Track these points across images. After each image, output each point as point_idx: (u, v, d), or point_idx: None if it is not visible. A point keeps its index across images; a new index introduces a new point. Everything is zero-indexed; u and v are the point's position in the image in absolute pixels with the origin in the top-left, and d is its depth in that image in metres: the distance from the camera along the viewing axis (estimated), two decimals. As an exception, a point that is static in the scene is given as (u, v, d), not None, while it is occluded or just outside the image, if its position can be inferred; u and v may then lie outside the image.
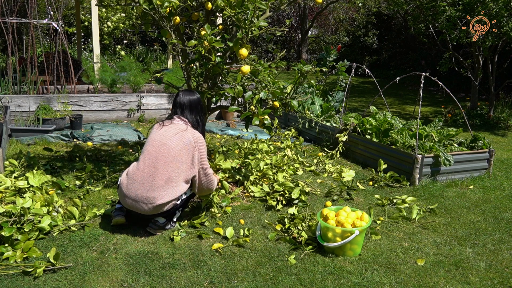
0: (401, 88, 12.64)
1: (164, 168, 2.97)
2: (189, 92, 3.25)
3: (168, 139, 3.03)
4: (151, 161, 2.99)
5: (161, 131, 3.09)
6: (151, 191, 2.94)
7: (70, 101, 6.56)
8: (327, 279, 2.61)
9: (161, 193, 2.95)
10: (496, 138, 6.92)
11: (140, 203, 2.95)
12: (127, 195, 2.99)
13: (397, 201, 3.82)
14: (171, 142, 3.02)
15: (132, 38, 14.73)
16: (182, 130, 3.08)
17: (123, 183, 3.03)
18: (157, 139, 3.05)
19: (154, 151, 3.01)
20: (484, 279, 2.70)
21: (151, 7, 3.27)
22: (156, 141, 3.04)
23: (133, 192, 2.97)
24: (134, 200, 2.97)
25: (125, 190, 3.00)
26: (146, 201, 2.94)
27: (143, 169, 2.99)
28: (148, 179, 2.96)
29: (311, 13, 16.64)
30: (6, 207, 2.98)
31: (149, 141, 3.08)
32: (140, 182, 2.96)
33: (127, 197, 2.99)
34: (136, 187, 2.96)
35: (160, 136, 3.06)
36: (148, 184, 2.95)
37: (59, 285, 2.46)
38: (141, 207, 2.97)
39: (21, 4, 8.09)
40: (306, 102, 6.44)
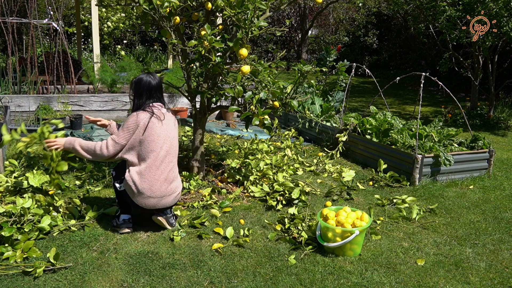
0: (401, 88, 12.64)
1: (175, 159, 3.15)
2: (154, 75, 3.14)
3: (172, 132, 3.11)
4: (169, 157, 3.05)
5: (164, 125, 3.04)
6: (173, 182, 3.09)
7: (70, 101, 6.56)
8: (327, 279, 2.62)
9: (178, 181, 3.16)
10: (496, 138, 6.92)
11: (166, 197, 3.03)
12: (152, 196, 2.97)
13: (397, 201, 3.82)
14: (175, 134, 3.14)
15: (132, 38, 14.73)
16: (174, 118, 3.19)
17: (144, 187, 2.93)
18: (166, 135, 3.03)
19: (168, 146, 3.04)
20: (484, 279, 2.70)
21: (151, 7, 3.27)
22: (167, 137, 3.04)
23: (159, 191, 2.98)
24: (160, 197, 3.00)
25: (149, 192, 2.95)
26: (170, 193, 3.05)
27: (164, 167, 3.00)
28: (169, 174, 3.05)
29: (311, 13, 16.64)
30: (6, 207, 2.97)
31: (157, 137, 2.98)
32: (164, 180, 3.00)
33: (152, 197, 2.97)
34: (160, 185, 2.98)
35: (166, 131, 3.05)
36: (170, 178, 3.06)
37: (59, 285, 2.46)
38: (166, 201, 3.05)
39: (21, 4, 8.09)
40: (306, 102, 6.44)
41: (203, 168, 4.06)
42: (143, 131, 2.95)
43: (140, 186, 2.94)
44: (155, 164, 2.97)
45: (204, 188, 3.84)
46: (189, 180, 3.87)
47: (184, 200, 3.68)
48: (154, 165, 2.97)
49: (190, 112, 7.34)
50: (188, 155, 4.69)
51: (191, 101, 3.94)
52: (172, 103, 7.41)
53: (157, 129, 3.00)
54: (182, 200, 3.67)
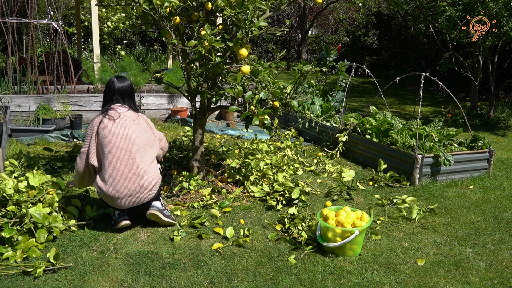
0: (401, 88, 12.64)
1: (141, 155, 3.05)
2: (124, 79, 3.21)
3: (130, 128, 3.05)
4: (129, 154, 3.00)
5: (118, 123, 3.04)
6: (142, 179, 3.02)
7: (70, 101, 6.56)
8: (327, 279, 2.62)
9: (149, 176, 3.07)
10: (496, 138, 6.92)
11: (137, 194, 3.02)
12: (121, 196, 2.98)
13: (397, 201, 3.82)
14: (135, 131, 3.06)
15: (132, 38, 14.73)
16: (136, 115, 3.14)
17: (108, 190, 2.97)
18: (123, 133, 3.02)
19: (124, 144, 3.00)
20: (484, 279, 2.70)
21: (151, 7, 3.27)
22: (124, 135, 3.01)
23: (125, 191, 2.98)
24: (130, 195, 3.00)
25: (115, 194, 2.97)
26: (141, 190, 3.02)
27: (124, 166, 2.98)
28: (132, 171, 2.99)
29: (311, 13, 16.64)
30: (8, 208, 2.97)
31: (109, 137, 2.99)
32: (126, 179, 2.98)
33: (122, 198, 2.99)
34: (125, 184, 2.98)
35: (122, 129, 3.03)
36: (133, 175, 3.00)
37: (59, 285, 2.46)
38: (140, 198, 3.04)
39: (21, 4, 8.09)
40: (306, 102, 6.44)
41: (203, 168, 4.06)
42: (97, 133, 3.02)
43: (106, 190, 2.97)
44: (113, 164, 2.97)
45: (204, 188, 3.84)
46: (189, 180, 3.87)
47: (184, 200, 3.68)
48: (112, 166, 2.97)
49: (190, 112, 7.34)
50: (188, 155, 4.69)
51: (191, 101, 3.94)
52: (172, 103, 7.41)
53: (110, 129, 3.01)
54: (182, 200, 3.67)
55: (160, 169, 3.31)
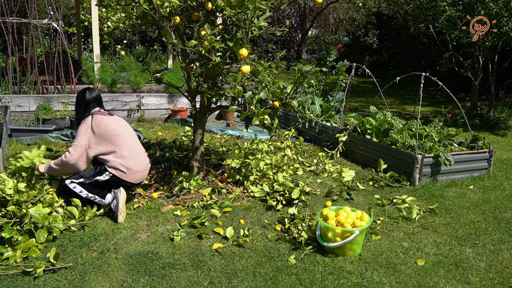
0: (401, 88, 12.64)
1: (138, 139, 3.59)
2: (91, 89, 3.58)
3: (124, 122, 3.55)
4: (133, 137, 3.49)
5: (114, 118, 3.48)
6: (146, 158, 3.56)
7: (70, 101, 6.56)
8: (327, 279, 2.62)
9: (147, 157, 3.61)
10: (496, 138, 6.92)
11: (145, 170, 3.50)
12: (138, 170, 3.41)
13: (397, 201, 3.82)
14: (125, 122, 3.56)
15: (132, 38, 14.73)
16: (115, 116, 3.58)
17: (130, 164, 3.35)
18: (119, 122, 3.47)
19: (128, 130, 3.48)
20: (484, 279, 2.70)
21: (151, 7, 3.27)
22: (120, 124, 3.46)
23: (141, 166, 3.44)
24: (143, 170, 3.47)
25: (135, 167, 3.38)
26: (147, 167, 3.53)
27: (134, 146, 3.44)
28: (141, 149, 3.52)
29: (311, 13, 16.65)
30: (8, 208, 2.97)
31: (114, 126, 3.39)
32: (139, 155, 3.45)
33: (138, 171, 3.41)
34: (140, 160, 3.44)
35: (118, 121, 3.48)
36: (143, 153, 3.54)
37: (59, 285, 2.46)
38: (145, 174, 3.53)
39: (21, 4, 8.09)
40: (306, 102, 6.44)
41: (203, 168, 4.06)
42: (95, 128, 3.33)
43: (127, 164, 3.35)
44: (128, 143, 3.40)
45: (204, 188, 3.84)
46: (189, 180, 3.87)
47: (184, 200, 3.68)
48: (128, 145, 3.39)
49: (190, 112, 7.34)
50: (188, 155, 4.69)
51: (191, 101, 3.94)
52: (172, 103, 7.41)
53: (111, 121, 3.41)
54: (182, 200, 3.67)
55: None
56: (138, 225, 3.20)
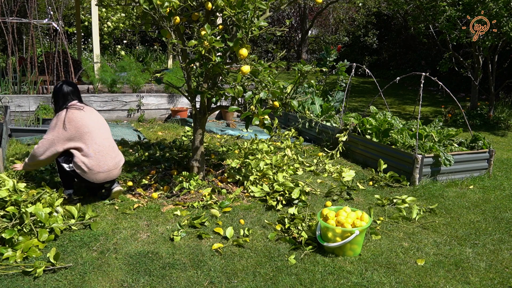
0: (401, 88, 12.64)
1: (111, 137, 3.55)
2: (68, 82, 3.59)
3: (99, 115, 3.55)
4: (104, 135, 3.45)
5: (88, 112, 3.46)
6: (117, 157, 3.52)
7: (70, 101, 6.55)
8: (327, 279, 2.62)
9: (121, 156, 3.59)
10: (496, 138, 6.92)
11: (112, 170, 3.44)
12: (100, 171, 3.36)
13: (397, 201, 3.82)
14: (102, 117, 3.57)
15: (132, 38, 14.73)
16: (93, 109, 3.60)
17: (92, 164, 3.33)
18: (92, 117, 3.45)
19: (100, 127, 3.45)
20: (484, 279, 2.70)
21: (151, 7, 3.27)
22: (93, 119, 3.44)
23: (105, 166, 3.38)
24: (108, 171, 3.40)
25: (96, 168, 3.34)
26: (116, 167, 3.48)
27: (103, 144, 3.41)
28: (111, 149, 3.47)
29: (311, 13, 16.64)
30: (8, 209, 2.97)
31: (85, 121, 3.37)
32: (106, 155, 3.40)
33: (101, 172, 3.37)
34: (106, 160, 3.40)
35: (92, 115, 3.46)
36: (112, 153, 3.47)
37: (59, 285, 2.46)
38: (113, 174, 3.47)
39: (21, 4, 8.09)
40: (306, 102, 6.44)
41: (203, 168, 4.06)
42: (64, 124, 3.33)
43: (90, 164, 3.33)
44: (96, 142, 3.36)
45: (204, 188, 3.84)
46: (189, 180, 3.87)
47: (184, 200, 3.68)
48: (95, 143, 3.36)
49: (190, 112, 7.34)
50: (188, 155, 4.69)
51: (191, 101, 3.94)
52: (172, 103, 7.41)
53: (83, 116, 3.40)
54: (182, 200, 3.67)
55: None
56: (138, 225, 3.20)
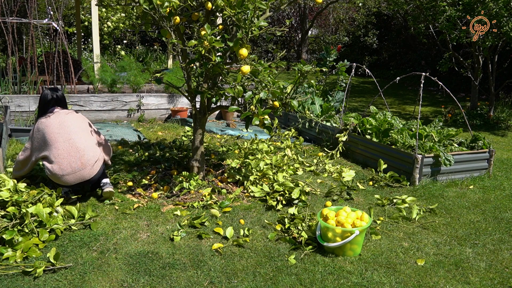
0: (401, 88, 12.64)
1: (78, 136, 3.47)
2: (54, 89, 3.68)
3: (65, 117, 3.52)
4: (65, 137, 3.42)
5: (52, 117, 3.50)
6: (84, 156, 3.42)
7: (70, 101, 6.56)
8: (327, 279, 2.62)
9: (89, 153, 3.46)
10: (496, 138, 6.92)
11: (80, 171, 3.39)
12: (65, 173, 3.35)
13: (397, 201, 3.82)
14: (69, 118, 3.54)
15: (132, 38, 14.73)
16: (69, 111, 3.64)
17: (54, 169, 3.35)
18: (54, 122, 3.47)
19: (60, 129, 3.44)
20: (484, 279, 2.70)
21: (151, 7, 3.27)
22: (55, 124, 3.46)
23: (69, 168, 3.36)
24: (73, 172, 3.37)
25: (60, 171, 3.34)
26: (83, 167, 3.40)
27: (63, 147, 3.39)
28: (75, 150, 3.40)
29: (311, 13, 16.64)
30: (8, 209, 2.97)
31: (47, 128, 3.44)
32: (69, 156, 3.37)
33: (66, 175, 3.35)
34: (67, 162, 3.36)
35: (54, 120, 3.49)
36: (76, 153, 3.40)
37: (59, 285, 2.46)
38: (82, 174, 3.40)
39: (21, 4, 8.09)
40: (306, 102, 6.44)
41: (203, 168, 4.06)
42: (37, 132, 3.46)
43: (52, 169, 3.35)
44: (55, 146, 3.38)
45: (204, 188, 3.84)
46: (189, 180, 3.87)
47: (184, 200, 3.68)
48: (55, 148, 3.37)
49: (190, 112, 7.34)
50: (188, 155, 4.69)
51: (191, 101, 3.94)
52: (172, 103, 7.41)
53: (46, 122, 3.47)
54: (182, 200, 3.67)
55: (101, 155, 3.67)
56: (138, 225, 3.20)
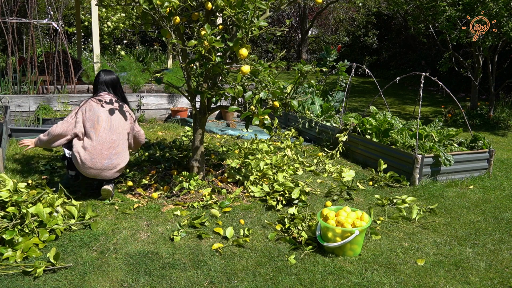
0: (401, 88, 12.64)
1: (119, 138, 3.55)
2: (110, 72, 3.77)
3: (114, 114, 3.57)
4: (108, 135, 3.49)
5: (104, 108, 3.56)
6: (115, 160, 3.52)
7: (70, 101, 6.56)
8: (327, 279, 2.62)
9: (121, 159, 3.57)
10: (496, 138, 6.92)
11: (105, 171, 3.49)
12: (92, 167, 3.44)
13: (397, 201, 3.82)
14: (117, 116, 3.57)
15: (132, 38, 14.72)
16: (118, 105, 3.65)
17: (86, 158, 3.43)
18: (104, 115, 3.53)
19: (107, 125, 3.50)
20: (484, 279, 2.70)
21: (151, 7, 3.27)
22: (104, 117, 3.52)
23: (99, 164, 3.45)
24: (100, 169, 3.47)
25: (88, 163, 3.43)
26: (110, 168, 3.50)
27: (103, 143, 3.46)
28: (111, 150, 3.49)
29: (311, 13, 16.64)
30: (8, 209, 2.97)
31: (95, 116, 3.50)
32: (101, 153, 3.45)
33: (92, 168, 3.44)
34: (100, 158, 3.45)
35: (105, 112, 3.54)
36: (111, 154, 3.49)
37: (59, 285, 2.46)
38: (105, 174, 3.51)
39: (21, 4, 8.09)
40: (306, 102, 6.44)
41: (203, 168, 4.06)
42: (84, 112, 3.53)
43: (83, 157, 3.43)
44: (96, 139, 3.45)
45: (204, 188, 3.84)
46: (189, 180, 3.87)
47: (184, 200, 3.68)
48: (95, 140, 3.45)
49: (190, 112, 7.34)
50: (188, 155, 4.69)
51: (191, 101, 3.94)
52: (172, 103, 7.41)
53: (97, 110, 3.53)
54: (182, 200, 3.67)
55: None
56: (138, 225, 3.20)
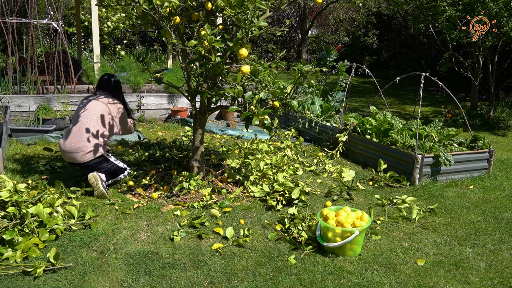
0: (401, 88, 12.64)
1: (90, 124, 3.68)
2: (111, 75, 4.00)
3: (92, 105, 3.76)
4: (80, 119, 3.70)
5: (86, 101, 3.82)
6: (81, 143, 3.62)
7: (70, 101, 6.56)
8: (327, 279, 2.62)
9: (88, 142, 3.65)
10: (496, 138, 6.92)
11: (73, 153, 3.62)
12: (63, 149, 3.66)
13: (397, 201, 3.82)
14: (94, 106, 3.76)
15: (132, 38, 14.72)
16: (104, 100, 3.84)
17: (60, 142, 3.71)
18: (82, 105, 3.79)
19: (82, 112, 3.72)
20: (484, 279, 2.70)
21: (151, 7, 3.27)
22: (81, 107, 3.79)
23: (68, 146, 3.64)
24: (69, 152, 3.63)
25: (61, 146, 3.68)
26: (77, 150, 3.62)
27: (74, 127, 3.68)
28: (77, 133, 3.65)
29: (311, 13, 16.65)
30: (8, 209, 2.97)
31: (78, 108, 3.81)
32: (72, 137, 3.64)
33: (64, 151, 3.66)
34: (69, 141, 3.64)
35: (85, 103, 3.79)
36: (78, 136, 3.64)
37: (59, 285, 2.46)
38: (74, 157, 3.63)
39: (21, 4, 8.09)
40: (306, 102, 6.44)
41: (203, 168, 4.06)
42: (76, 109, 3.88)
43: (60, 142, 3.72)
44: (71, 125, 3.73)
45: (204, 188, 3.84)
46: (189, 180, 3.87)
47: (184, 200, 3.68)
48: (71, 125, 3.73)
49: (190, 112, 7.34)
50: (188, 155, 4.69)
51: (191, 101, 3.94)
52: (172, 103, 7.41)
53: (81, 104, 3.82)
54: (182, 200, 3.67)
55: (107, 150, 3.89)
56: (138, 225, 3.20)
